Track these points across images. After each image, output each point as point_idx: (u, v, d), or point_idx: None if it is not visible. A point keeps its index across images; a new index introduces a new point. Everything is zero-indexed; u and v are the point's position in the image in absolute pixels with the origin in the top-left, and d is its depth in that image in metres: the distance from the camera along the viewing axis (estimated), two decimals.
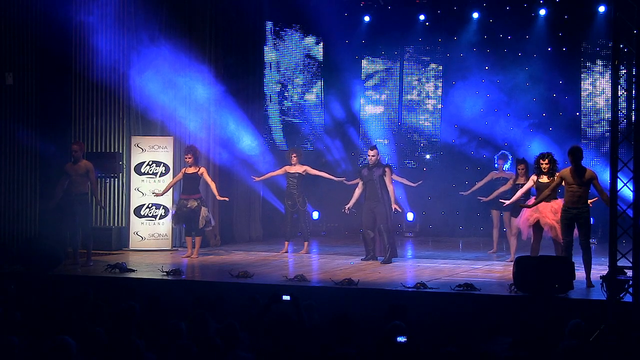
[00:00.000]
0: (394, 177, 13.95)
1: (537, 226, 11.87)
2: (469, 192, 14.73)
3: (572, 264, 10.37)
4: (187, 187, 13.83)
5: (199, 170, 13.82)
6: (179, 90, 15.34)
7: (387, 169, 13.49)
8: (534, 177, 12.04)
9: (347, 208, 13.66)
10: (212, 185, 13.92)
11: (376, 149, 13.61)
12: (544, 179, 11.86)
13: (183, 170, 13.97)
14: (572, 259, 10.71)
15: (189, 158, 13.79)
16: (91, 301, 8.60)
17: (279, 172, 14.66)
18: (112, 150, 15.20)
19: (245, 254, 14.61)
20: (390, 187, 13.40)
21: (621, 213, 9.85)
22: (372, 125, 18.74)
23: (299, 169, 14.43)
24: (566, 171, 11.06)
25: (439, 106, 18.41)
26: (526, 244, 12.38)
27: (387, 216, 13.35)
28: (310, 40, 18.77)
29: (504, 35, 17.64)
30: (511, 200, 12.82)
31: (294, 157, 14.43)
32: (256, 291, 10.04)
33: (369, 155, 13.55)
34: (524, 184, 12.82)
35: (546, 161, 11.86)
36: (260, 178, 14.89)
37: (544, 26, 17.34)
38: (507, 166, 14.39)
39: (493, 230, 14.58)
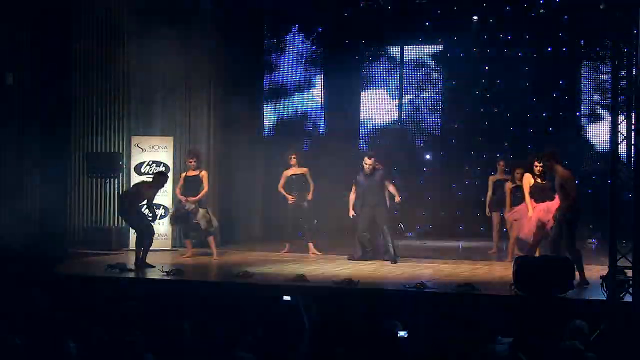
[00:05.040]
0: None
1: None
2: (488, 209, 14.53)
3: (572, 264, 10.37)
4: (187, 189, 13.78)
5: (200, 172, 13.78)
6: (179, 90, 15.33)
7: (384, 172, 13.53)
8: (530, 180, 11.99)
9: (352, 214, 13.65)
10: (204, 191, 13.79)
11: (374, 157, 13.54)
12: (537, 180, 11.88)
13: (183, 175, 13.94)
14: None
15: (193, 162, 13.75)
16: (92, 301, 8.62)
17: (282, 181, 14.47)
18: (112, 150, 15.20)
19: (245, 254, 14.60)
20: (392, 187, 13.42)
21: (621, 212, 9.87)
22: (372, 125, 18.73)
23: (297, 171, 14.37)
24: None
25: (439, 106, 18.40)
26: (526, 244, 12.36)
27: (388, 218, 13.47)
28: (309, 40, 18.76)
29: (504, 36, 17.64)
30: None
31: (293, 158, 14.38)
32: (256, 291, 10.04)
33: (365, 164, 13.38)
34: (520, 186, 12.81)
35: (541, 163, 11.84)
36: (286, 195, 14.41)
37: (544, 26, 17.32)
38: (506, 169, 14.40)
39: (493, 231, 14.57)
